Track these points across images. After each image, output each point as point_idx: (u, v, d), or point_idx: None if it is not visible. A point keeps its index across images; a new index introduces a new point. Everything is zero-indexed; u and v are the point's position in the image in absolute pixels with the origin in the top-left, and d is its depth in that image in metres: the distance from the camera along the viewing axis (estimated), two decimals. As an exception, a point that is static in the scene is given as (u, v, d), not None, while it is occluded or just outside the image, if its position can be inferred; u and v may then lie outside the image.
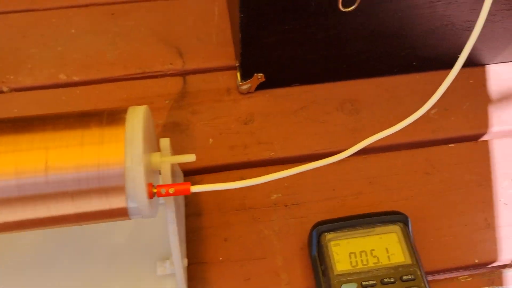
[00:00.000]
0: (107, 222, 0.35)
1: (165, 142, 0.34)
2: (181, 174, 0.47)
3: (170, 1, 0.65)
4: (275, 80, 0.54)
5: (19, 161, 0.30)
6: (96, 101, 0.55)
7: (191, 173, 0.50)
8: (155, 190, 0.32)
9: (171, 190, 0.32)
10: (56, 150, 0.31)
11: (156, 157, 0.34)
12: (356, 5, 0.43)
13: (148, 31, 0.62)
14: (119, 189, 0.31)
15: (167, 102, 0.55)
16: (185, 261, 0.43)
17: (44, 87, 0.57)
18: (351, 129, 0.52)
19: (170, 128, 0.53)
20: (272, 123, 0.53)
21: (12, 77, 0.58)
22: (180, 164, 0.50)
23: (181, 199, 0.46)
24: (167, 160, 0.34)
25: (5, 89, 0.57)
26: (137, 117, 0.32)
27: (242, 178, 0.49)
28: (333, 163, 0.48)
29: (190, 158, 0.34)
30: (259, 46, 0.49)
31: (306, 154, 0.51)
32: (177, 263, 0.40)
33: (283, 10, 0.44)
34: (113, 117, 0.32)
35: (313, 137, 0.52)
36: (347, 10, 0.44)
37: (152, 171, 0.34)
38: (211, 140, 0.52)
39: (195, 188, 0.33)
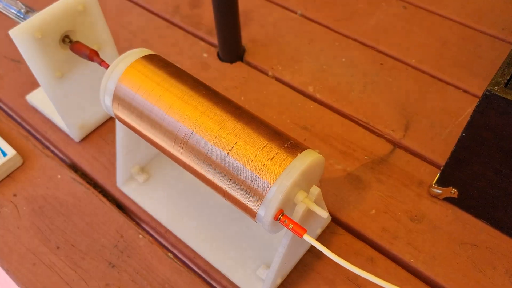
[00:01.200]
0: (241, 212, 0.44)
1: (314, 190, 0.40)
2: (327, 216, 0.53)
3: (434, 79, 0.68)
4: (467, 204, 0.52)
5: (219, 134, 0.41)
6: (314, 122, 0.64)
7: (337, 222, 0.54)
8: (280, 217, 0.39)
9: (290, 225, 0.38)
10: (244, 143, 0.40)
11: (301, 195, 0.40)
12: None
13: (395, 93, 0.66)
14: (259, 197, 0.39)
15: (365, 158, 0.60)
16: (279, 281, 0.49)
17: (293, 88, 0.69)
18: (503, 299, 0.48)
19: (351, 178, 0.58)
20: (433, 236, 0.52)
21: (280, 67, 0.72)
22: (333, 210, 0.55)
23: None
24: (305, 203, 0.39)
25: (269, 73, 0.71)
26: (305, 160, 0.38)
27: (371, 259, 0.52)
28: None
29: (323, 213, 0.39)
30: (464, 168, 0.48)
31: (441, 284, 0.49)
32: (270, 279, 0.47)
33: (507, 151, 0.43)
34: (292, 147, 0.40)
35: (460, 277, 0.49)
36: None
37: (292, 202, 0.40)
38: (373, 211, 0.55)
39: (306, 237, 0.38)
